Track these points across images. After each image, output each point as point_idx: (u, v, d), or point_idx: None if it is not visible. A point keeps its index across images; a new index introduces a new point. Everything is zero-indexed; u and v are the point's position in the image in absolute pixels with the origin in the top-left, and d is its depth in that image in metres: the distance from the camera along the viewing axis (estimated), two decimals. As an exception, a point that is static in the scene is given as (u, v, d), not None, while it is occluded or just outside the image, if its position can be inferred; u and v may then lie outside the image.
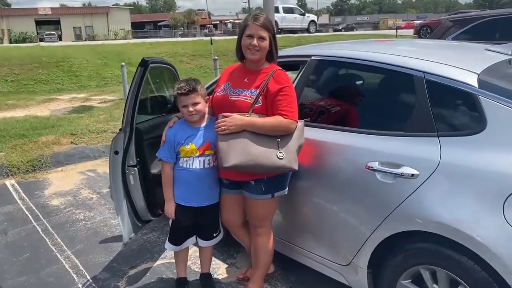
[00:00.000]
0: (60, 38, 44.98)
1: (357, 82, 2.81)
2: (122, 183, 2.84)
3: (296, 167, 2.38)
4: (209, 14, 77.82)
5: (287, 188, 2.57)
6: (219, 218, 2.79)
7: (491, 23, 7.41)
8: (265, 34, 2.42)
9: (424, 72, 2.26)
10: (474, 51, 2.89)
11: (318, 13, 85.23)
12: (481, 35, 7.12)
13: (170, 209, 2.65)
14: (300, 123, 2.44)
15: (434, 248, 2.07)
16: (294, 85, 2.76)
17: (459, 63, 2.31)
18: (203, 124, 2.61)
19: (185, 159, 2.57)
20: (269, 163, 2.32)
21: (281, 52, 3.09)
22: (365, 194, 2.32)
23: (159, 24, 67.48)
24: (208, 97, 2.68)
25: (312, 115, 2.74)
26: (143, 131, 2.88)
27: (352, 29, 49.57)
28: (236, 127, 2.34)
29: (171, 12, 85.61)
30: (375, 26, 61.28)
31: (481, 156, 1.96)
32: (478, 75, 2.16)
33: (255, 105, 2.39)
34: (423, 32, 22.40)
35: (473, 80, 2.13)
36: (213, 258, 3.16)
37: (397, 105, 2.45)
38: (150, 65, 2.74)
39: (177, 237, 2.77)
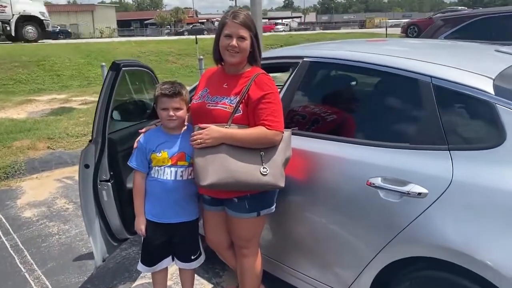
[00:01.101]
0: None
1: (356, 87, 2.54)
2: (94, 200, 2.55)
3: (282, 184, 2.11)
4: (196, 12, 77.33)
5: (274, 205, 2.30)
6: (198, 239, 2.51)
7: (483, 21, 7.24)
8: (245, 33, 2.15)
9: (431, 76, 2.01)
10: (483, 52, 2.64)
11: (305, 12, 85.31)
12: (473, 34, 6.94)
13: (139, 224, 2.38)
14: (287, 133, 2.17)
15: (445, 276, 1.83)
16: (284, 89, 2.50)
17: (469, 66, 2.06)
18: (180, 132, 2.36)
19: (156, 168, 2.31)
20: (251, 180, 2.05)
21: (269, 53, 2.83)
22: (366, 214, 2.07)
23: (145, 22, 66.75)
24: (190, 104, 2.42)
25: (305, 123, 2.47)
26: (117, 141, 2.60)
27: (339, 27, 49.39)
28: (213, 140, 2.07)
29: (158, 10, 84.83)
30: (362, 25, 61.49)
31: (500, 173, 1.72)
32: (493, 80, 1.92)
33: (235, 115, 2.12)
34: (410, 31, 22.46)
35: (488, 86, 1.88)
36: (197, 277, 2.88)
37: (401, 113, 2.19)
38: (123, 68, 2.45)
39: (150, 257, 2.48)
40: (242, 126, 2.12)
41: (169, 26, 61.37)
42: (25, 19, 18.89)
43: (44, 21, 19.53)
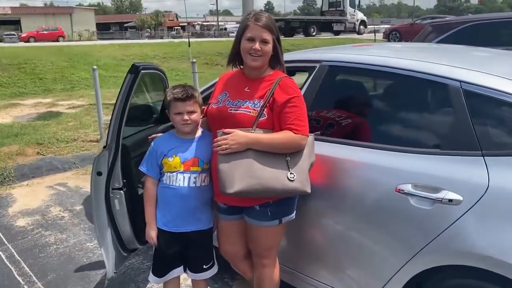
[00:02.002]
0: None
1: (380, 93, 2.50)
2: (106, 209, 2.44)
3: (309, 189, 2.05)
4: (176, 16, 76.87)
5: (294, 212, 2.24)
6: (211, 248, 2.42)
7: (474, 28, 7.34)
8: (268, 36, 2.09)
9: (460, 81, 1.99)
10: (503, 57, 2.64)
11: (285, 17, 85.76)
12: (464, 40, 7.03)
13: (150, 233, 2.29)
14: (310, 137, 2.13)
15: (479, 285, 1.81)
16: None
17: (497, 71, 2.05)
18: (194, 137, 2.28)
19: (168, 174, 2.23)
20: (279, 186, 1.99)
21: (284, 56, 2.77)
22: (394, 221, 2.02)
23: (125, 25, 65.99)
24: (203, 107, 2.34)
25: (326, 129, 2.42)
26: (130, 147, 2.49)
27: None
28: (239, 145, 2.00)
29: (138, 13, 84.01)
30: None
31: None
32: (525, 85, 1.90)
33: (260, 119, 2.06)
34: (392, 36, 22.80)
35: (520, 91, 1.86)
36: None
37: (430, 119, 2.16)
38: (142, 71, 2.35)
39: (161, 268, 2.38)
40: (267, 130, 2.07)
41: (149, 30, 60.80)
42: None
43: None
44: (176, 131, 2.30)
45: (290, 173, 2.01)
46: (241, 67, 2.24)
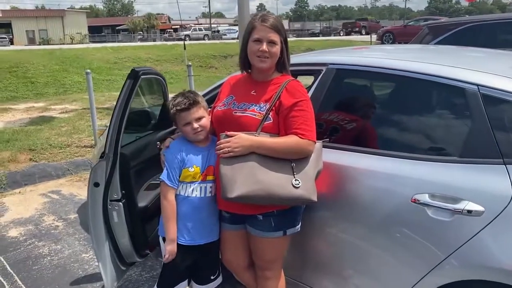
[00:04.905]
0: (11, 42, 42.86)
1: (392, 98, 2.38)
2: (104, 221, 2.31)
3: (315, 198, 1.94)
4: (169, 18, 76.68)
5: (300, 223, 2.14)
6: (219, 258, 2.33)
7: (471, 29, 7.28)
8: (276, 37, 2.00)
9: (478, 85, 1.89)
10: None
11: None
12: (462, 42, 6.97)
13: (172, 249, 2.14)
14: (318, 144, 2.03)
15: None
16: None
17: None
18: (206, 144, 2.18)
19: (184, 185, 2.12)
20: (283, 193, 1.89)
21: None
22: (410, 233, 1.92)
23: (117, 28, 65.65)
24: (210, 109, 2.24)
25: (336, 135, 2.30)
26: (130, 156, 2.37)
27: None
28: (243, 148, 1.91)
29: (130, 16, 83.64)
30: (332, 32, 62.14)
31: None
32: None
33: (265, 122, 1.97)
34: (386, 38, 22.82)
35: (543, 95, 1.77)
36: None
37: (448, 125, 2.06)
38: (142, 76, 2.23)
39: (169, 282, 2.26)
40: (272, 134, 1.97)
41: (141, 32, 60.55)
42: None
43: None
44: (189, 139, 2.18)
45: (295, 180, 1.91)
46: (249, 70, 2.15)
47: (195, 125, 2.08)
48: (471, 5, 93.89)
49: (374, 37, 24.07)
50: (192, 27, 50.48)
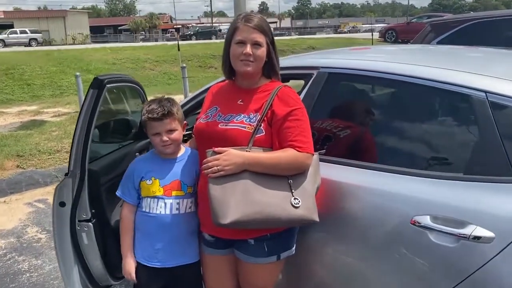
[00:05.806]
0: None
1: (389, 105, 2.16)
2: (72, 244, 2.10)
3: (317, 217, 1.73)
4: (171, 18, 76.60)
5: (294, 246, 1.91)
6: (201, 284, 2.10)
7: (476, 26, 7.03)
8: (261, 38, 1.78)
9: (486, 91, 1.66)
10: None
11: (280, 17, 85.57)
12: (466, 39, 6.74)
13: (128, 267, 1.97)
14: (315, 156, 1.80)
15: None
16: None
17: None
18: (176, 156, 1.99)
19: (148, 200, 1.94)
20: (283, 215, 1.66)
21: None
22: (408, 259, 1.70)
23: (119, 28, 65.58)
24: (185, 122, 2.02)
25: (329, 146, 2.07)
26: (99, 172, 2.15)
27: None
28: (234, 166, 1.68)
29: (132, 16, 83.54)
30: (336, 29, 61.91)
31: None
32: None
33: (256, 135, 1.74)
34: (388, 35, 22.53)
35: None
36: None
37: (449, 137, 1.83)
38: (107, 85, 2.01)
39: None
40: (266, 149, 1.75)
41: (143, 32, 60.46)
42: None
43: None
44: (157, 151, 2.00)
45: (294, 198, 1.68)
46: (234, 78, 1.92)
47: (165, 137, 1.89)
48: (475, 1, 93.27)
49: (376, 34, 23.78)
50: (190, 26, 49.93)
